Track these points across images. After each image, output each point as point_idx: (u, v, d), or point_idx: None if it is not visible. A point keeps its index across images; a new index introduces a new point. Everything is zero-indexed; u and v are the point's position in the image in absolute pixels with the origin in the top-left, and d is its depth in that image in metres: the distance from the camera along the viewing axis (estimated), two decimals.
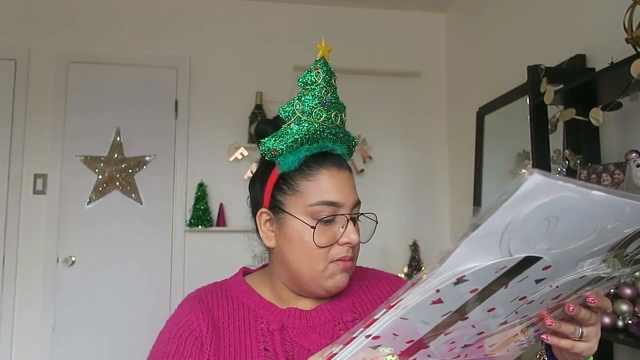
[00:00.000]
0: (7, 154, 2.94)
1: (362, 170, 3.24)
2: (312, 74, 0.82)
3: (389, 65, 3.35)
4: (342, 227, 0.76)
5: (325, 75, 0.82)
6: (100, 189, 3.03)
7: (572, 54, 2.03)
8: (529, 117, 1.89)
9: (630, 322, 1.42)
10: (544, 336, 0.62)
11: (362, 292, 0.85)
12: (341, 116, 0.84)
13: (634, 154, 1.53)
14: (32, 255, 2.92)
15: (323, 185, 0.77)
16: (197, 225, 3.02)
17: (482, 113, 2.84)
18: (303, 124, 0.79)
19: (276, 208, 0.78)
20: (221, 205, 3.07)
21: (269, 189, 0.80)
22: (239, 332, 0.76)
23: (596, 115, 1.58)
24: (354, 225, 0.79)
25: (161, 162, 3.11)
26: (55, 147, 2.99)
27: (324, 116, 0.80)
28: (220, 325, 0.77)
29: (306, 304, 0.81)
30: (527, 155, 2.36)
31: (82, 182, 3.01)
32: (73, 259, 2.96)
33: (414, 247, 3.19)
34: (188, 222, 3.04)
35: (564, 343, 0.61)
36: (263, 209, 0.80)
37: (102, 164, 3.05)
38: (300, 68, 3.22)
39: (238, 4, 3.30)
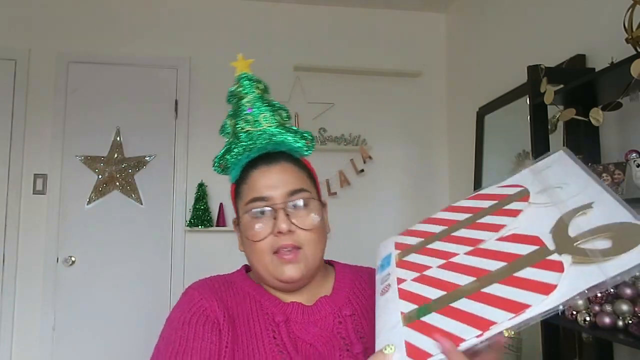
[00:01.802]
0: (7, 154, 2.94)
1: (362, 171, 3.24)
2: (233, 88, 0.90)
3: (389, 65, 3.35)
4: (275, 219, 0.79)
5: (246, 88, 0.89)
6: (100, 189, 3.03)
7: (572, 54, 2.03)
8: (529, 117, 1.89)
9: (630, 322, 1.42)
10: None
11: (357, 288, 0.87)
12: (274, 116, 0.88)
13: (634, 154, 1.53)
14: (32, 255, 2.92)
15: (254, 184, 0.82)
16: (197, 225, 3.02)
17: (482, 113, 2.84)
18: (237, 138, 0.87)
19: (237, 215, 0.86)
20: (221, 205, 3.07)
21: (232, 199, 0.88)
22: (249, 321, 0.78)
23: (596, 115, 1.58)
24: (286, 215, 0.80)
25: (161, 162, 3.11)
26: (55, 147, 2.99)
27: (247, 127, 0.86)
28: (233, 314, 0.79)
29: (304, 298, 0.83)
30: (527, 155, 2.36)
31: (82, 182, 3.01)
32: (73, 259, 2.96)
33: None
34: (188, 222, 3.04)
35: None
36: (234, 218, 0.88)
37: (102, 164, 3.05)
38: (300, 68, 3.23)
39: (238, 4, 3.30)
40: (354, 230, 3.12)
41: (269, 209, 0.80)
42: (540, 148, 1.84)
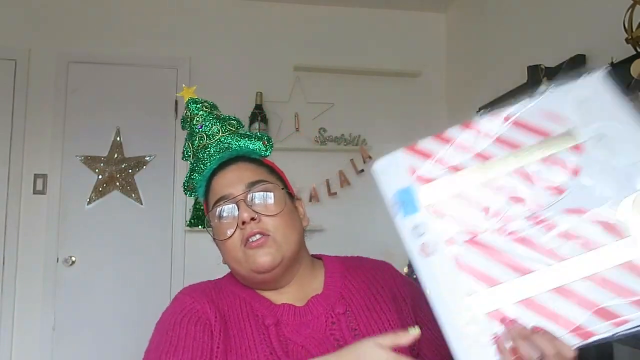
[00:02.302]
0: (7, 154, 2.93)
1: (362, 170, 3.24)
2: (184, 114, 0.97)
3: (388, 65, 3.35)
4: (237, 213, 0.81)
5: (194, 110, 0.95)
6: (100, 189, 3.03)
7: (572, 54, 2.03)
8: None
9: None
10: None
11: (348, 281, 0.86)
12: (225, 126, 0.93)
13: None
14: (32, 255, 2.92)
15: (214, 190, 0.86)
16: (197, 225, 3.00)
17: (482, 113, 2.84)
18: (197, 158, 0.91)
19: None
20: None
21: (207, 215, 0.90)
22: (240, 322, 0.77)
23: None
24: (248, 206, 0.81)
25: (161, 162, 3.11)
26: (55, 147, 2.99)
27: (203, 142, 0.91)
28: (225, 315, 0.78)
29: (295, 298, 0.82)
30: None
31: (82, 182, 3.01)
32: (73, 259, 2.95)
33: None
34: (188, 222, 3.01)
35: None
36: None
37: (102, 164, 3.05)
38: (300, 68, 3.22)
39: (238, 5, 3.30)
40: (354, 230, 3.12)
41: (231, 205, 0.81)
42: None
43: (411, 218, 0.61)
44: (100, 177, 3.04)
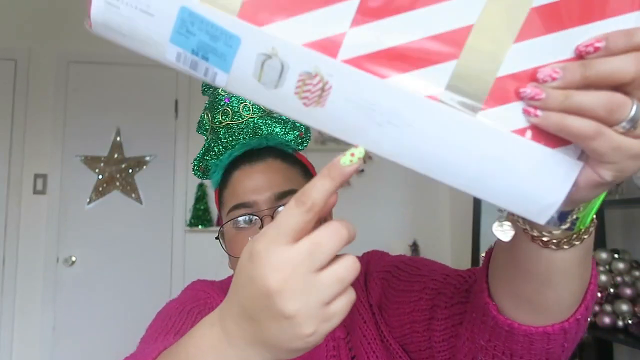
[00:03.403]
0: (7, 154, 2.94)
1: (362, 171, 3.24)
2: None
3: None
4: (260, 229, 0.66)
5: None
6: (100, 189, 3.03)
7: None
8: None
9: (630, 322, 1.42)
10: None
11: None
12: (252, 106, 0.74)
13: None
14: (32, 255, 2.92)
15: (235, 189, 0.70)
16: (197, 225, 3.02)
17: None
18: (216, 135, 0.74)
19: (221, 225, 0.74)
20: None
21: (217, 207, 0.77)
22: None
23: None
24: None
25: (161, 162, 3.11)
26: (55, 147, 2.99)
27: (226, 120, 0.73)
28: None
29: None
30: None
31: (82, 182, 3.01)
32: (73, 259, 2.96)
33: (414, 247, 3.19)
34: (188, 222, 3.04)
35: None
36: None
37: (102, 164, 3.05)
38: None
39: None
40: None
41: (254, 217, 0.68)
42: None
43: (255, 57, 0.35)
44: (100, 177, 3.04)
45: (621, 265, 1.60)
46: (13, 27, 3.05)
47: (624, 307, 1.44)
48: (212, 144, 0.76)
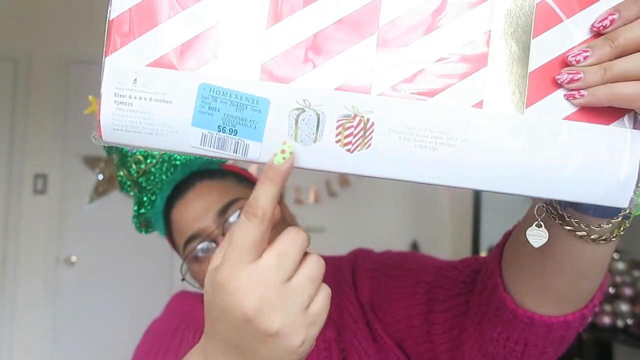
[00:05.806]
0: (7, 153, 2.94)
1: None
2: None
3: None
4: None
5: None
6: (101, 189, 3.03)
7: None
8: None
9: (630, 322, 1.42)
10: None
11: (337, 294, 0.74)
12: None
13: None
14: (32, 255, 2.92)
15: (179, 227, 0.69)
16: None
17: None
18: (139, 187, 0.71)
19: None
20: None
21: (176, 252, 0.75)
22: None
23: None
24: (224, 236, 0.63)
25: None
26: (55, 147, 2.99)
27: (142, 167, 0.71)
28: None
29: None
30: None
31: (83, 182, 3.01)
32: (73, 259, 2.96)
33: (414, 247, 3.19)
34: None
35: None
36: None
37: (102, 164, 3.05)
38: None
39: None
40: (354, 230, 3.12)
41: (206, 244, 0.66)
42: None
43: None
44: (100, 177, 3.04)
45: (621, 265, 1.60)
46: (13, 27, 3.05)
47: (624, 307, 1.45)
48: (141, 197, 0.73)
